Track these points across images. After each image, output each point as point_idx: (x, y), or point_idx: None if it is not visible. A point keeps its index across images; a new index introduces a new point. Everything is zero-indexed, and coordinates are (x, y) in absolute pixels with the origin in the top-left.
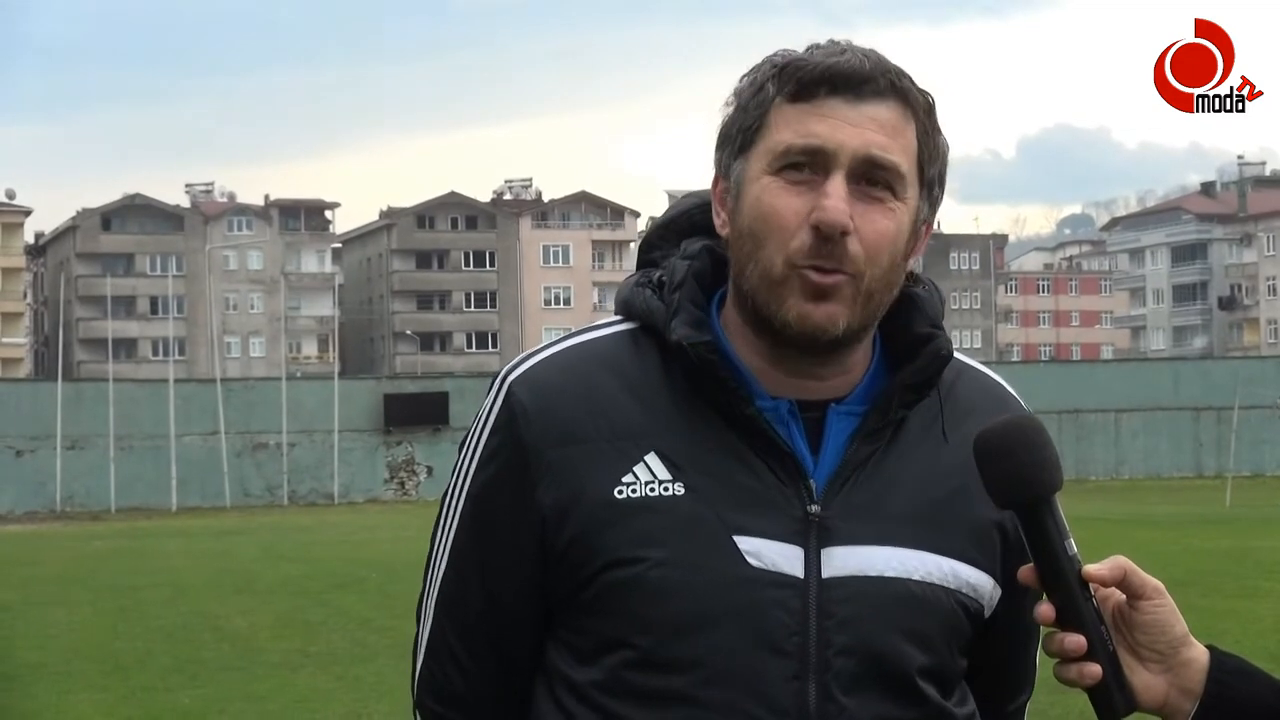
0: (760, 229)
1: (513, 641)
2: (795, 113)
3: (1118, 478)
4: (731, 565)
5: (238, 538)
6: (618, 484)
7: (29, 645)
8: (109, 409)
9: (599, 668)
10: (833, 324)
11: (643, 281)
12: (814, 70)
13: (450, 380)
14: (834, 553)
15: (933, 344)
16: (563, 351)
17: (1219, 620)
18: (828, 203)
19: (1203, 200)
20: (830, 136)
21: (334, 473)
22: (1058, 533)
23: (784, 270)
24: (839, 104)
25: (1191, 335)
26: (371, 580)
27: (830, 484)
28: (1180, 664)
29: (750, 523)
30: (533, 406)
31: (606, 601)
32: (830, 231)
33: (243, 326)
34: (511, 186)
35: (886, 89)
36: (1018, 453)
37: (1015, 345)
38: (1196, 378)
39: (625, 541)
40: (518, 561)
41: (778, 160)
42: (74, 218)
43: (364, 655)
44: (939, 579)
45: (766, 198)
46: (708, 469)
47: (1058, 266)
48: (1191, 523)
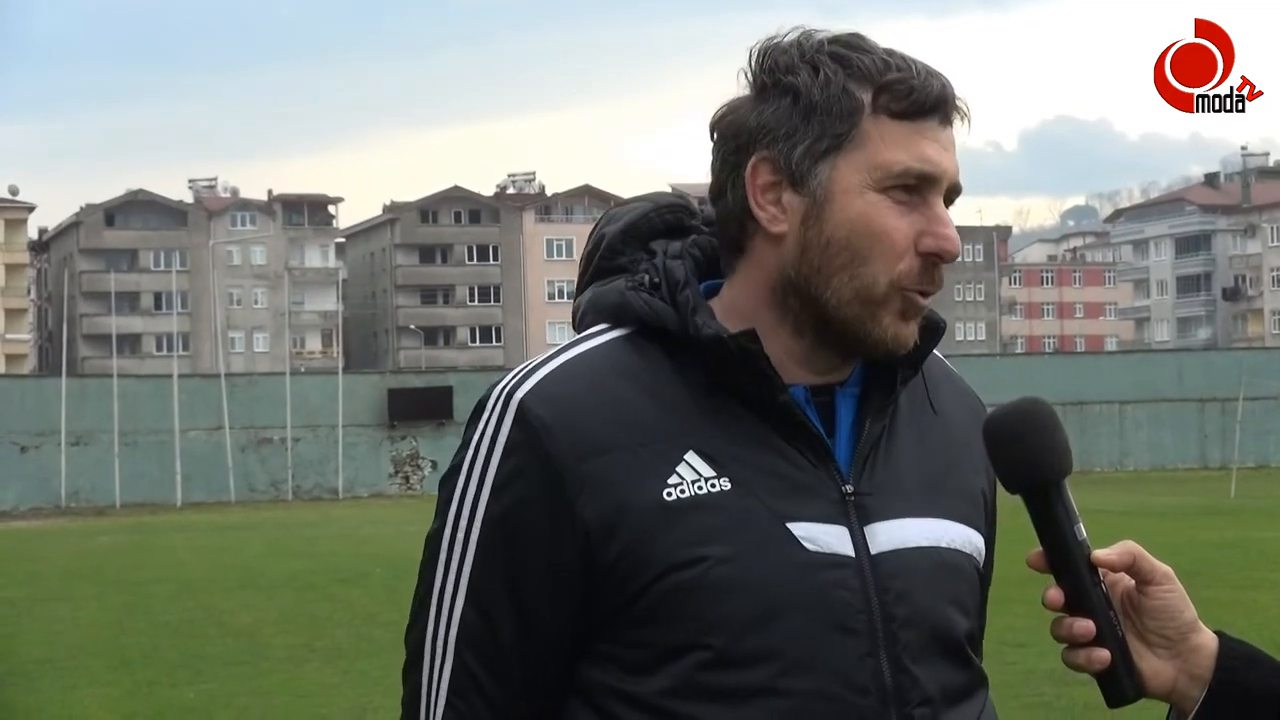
0: (865, 245)
1: (547, 666)
2: (902, 132)
3: (1122, 469)
4: (791, 552)
5: (242, 533)
6: (665, 487)
7: (34, 641)
8: (113, 404)
9: (665, 675)
10: (913, 341)
11: (633, 286)
12: (929, 94)
13: (454, 374)
14: (875, 529)
15: (926, 320)
16: (566, 364)
17: (1224, 611)
18: (949, 232)
19: (1206, 191)
20: (939, 163)
21: (338, 467)
22: (1067, 517)
23: (886, 290)
24: (938, 128)
25: (1196, 326)
26: (376, 575)
27: (854, 463)
28: (1189, 650)
29: (797, 508)
30: (553, 421)
31: (668, 608)
32: (951, 260)
33: (246, 321)
34: (515, 180)
35: (956, 114)
36: (1028, 437)
37: (1019, 337)
38: (1201, 369)
39: (682, 544)
40: (554, 584)
41: (890, 180)
42: (77, 213)
43: (369, 650)
44: (960, 544)
45: (877, 216)
46: (746, 460)
47: (1061, 258)
48: (1196, 514)
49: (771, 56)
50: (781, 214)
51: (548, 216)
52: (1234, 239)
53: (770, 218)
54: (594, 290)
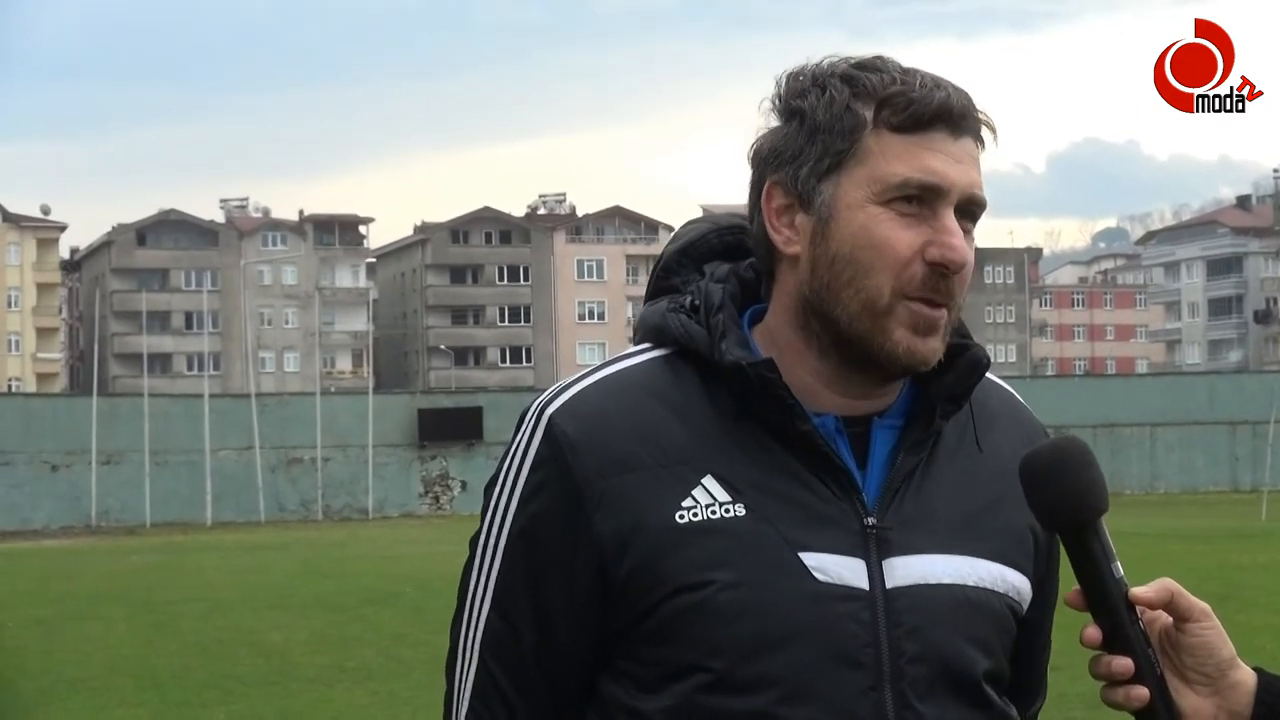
0: (867, 258)
1: (566, 677)
2: (902, 145)
3: (1153, 492)
4: (800, 582)
5: (272, 553)
6: (678, 509)
7: (65, 661)
8: (144, 424)
9: (669, 694)
10: (934, 357)
11: (674, 307)
12: (928, 105)
13: (484, 395)
14: (894, 563)
15: (969, 354)
16: (600, 381)
17: (1255, 635)
18: (954, 241)
19: (1238, 213)
20: (945, 174)
21: (368, 488)
22: (1104, 555)
23: (891, 301)
24: (945, 139)
25: (1227, 349)
26: (406, 595)
27: (882, 496)
28: (1228, 686)
29: (813, 538)
30: (579, 438)
31: (675, 627)
32: (956, 269)
33: (277, 341)
34: (545, 201)
35: (976, 126)
36: (1065, 477)
37: (1050, 359)
38: (1232, 391)
39: (690, 566)
40: (573, 598)
41: (890, 192)
42: (109, 233)
43: (399, 670)
44: (990, 583)
45: (878, 228)
46: (765, 488)
47: (1092, 280)
48: (1227, 537)
49: (789, 82)
50: (795, 235)
51: (578, 237)
52: (1266, 261)
53: (785, 240)
54: (645, 309)
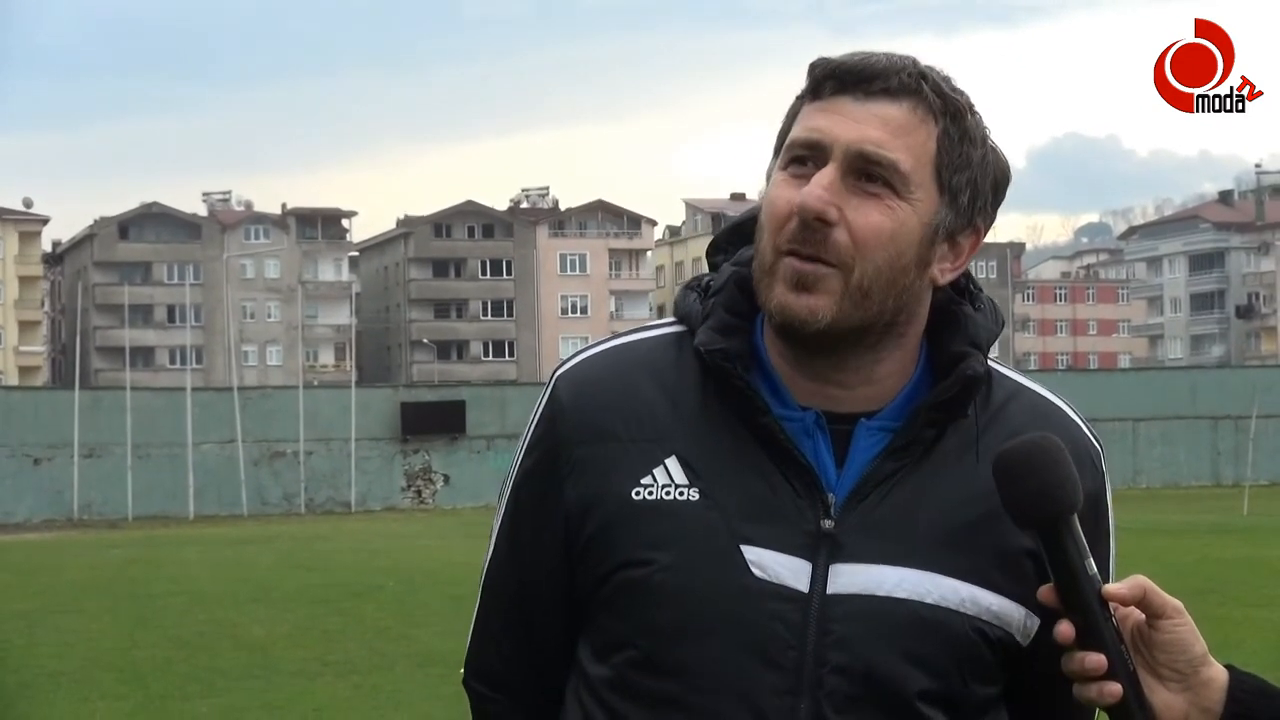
0: (765, 221)
1: (545, 630)
2: (807, 111)
3: (1135, 486)
4: (734, 574)
5: (255, 546)
6: (636, 485)
7: (47, 654)
8: (126, 417)
9: (608, 665)
10: (813, 316)
11: (693, 285)
12: (826, 67)
13: (467, 389)
14: (842, 569)
15: (962, 364)
16: (608, 350)
17: (1236, 629)
18: (805, 188)
19: (1220, 209)
20: (828, 131)
21: (351, 481)
22: (1077, 552)
23: (772, 257)
24: (847, 101)
25: (1209, 344)
26: (389, 589)
27: (849, 499)
28: (1200, 683)
29: (759, 533)
30: (570, 403)
31: (618, 600)
32: (805, 215)
33: (260, 335)
34: (529, 195)
35: (898, 88)
36: (1036, 473)
37: (1032, 354)
38: (1214, 386)
39: (637, 543)
40: (546, 553)
41: (785, 155)
42: (91, 226)
43: (381, 664)
44: (954, 604)
45: (771, 191)
46: (724, 476)
47: (1075, 275)
48: (1209, 532)
49: None
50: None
51: (561, 231)
52: (1248, 256)
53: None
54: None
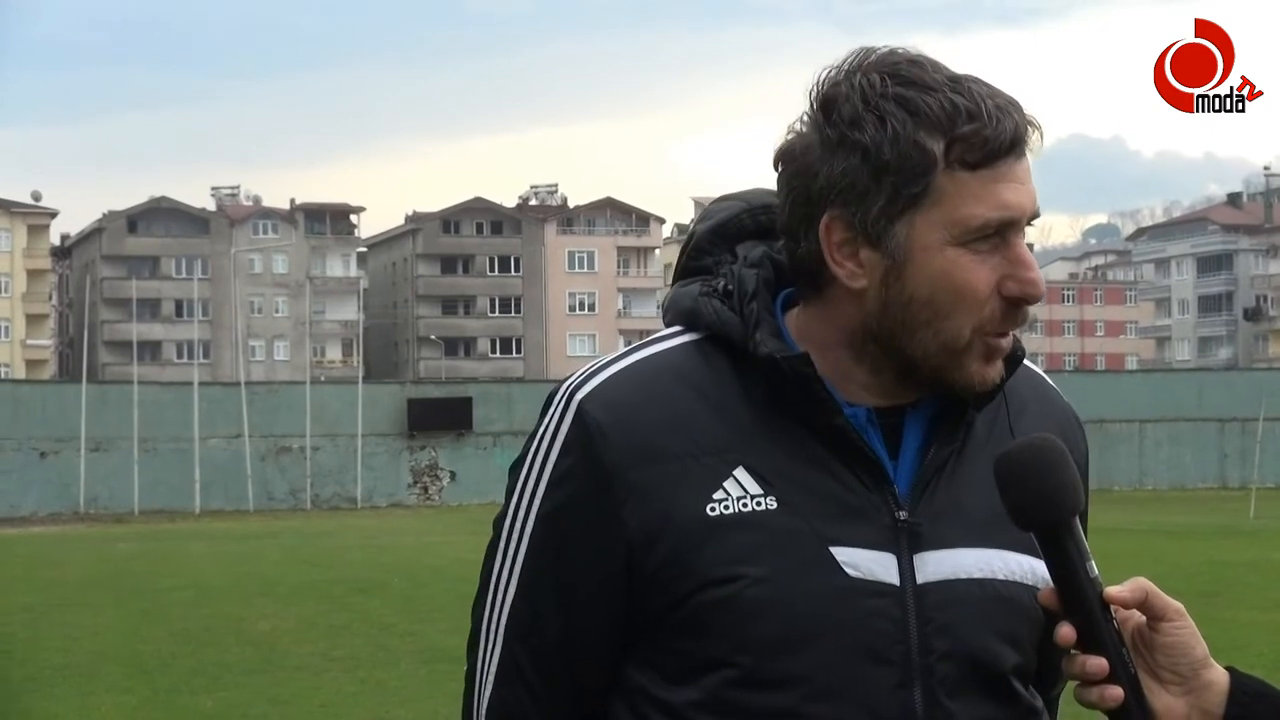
0: (948, 301)
1: (590, 667)
2: (978, 183)
3: (1142, 488)
4: (830, 577)
5: (261, 541)
6: (709, 501)
7: (53, 647)
8: (133, 411)
9: (697, 688)
10: (1000, 378)
11: (707, 291)
12: (1002, 141)
13: (474, 385)
14: (925, 558)
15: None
16: (632, 366)
17: (1242, 632)
18: (1032, 275)
19: (1229, 211)
20: (1018, 205)
21: (357, 477)
22: (1078, 555)
23: (970, 339)
24: (1014, 166)
25: (1217, 346)
26: (395, 585)
27: (913, 489)
28: (1201, 686)
29: (844, 533)
30: (610, 425)
31: (704, 621)
32: (1036, 301)
33: (267, 330)
34: (537, 192)
35: (1030, 141)
36: (1037, 476)
37: (1040, 355)
38: (1221, 388)
39: (721, 560)
40: (599, 586)
41: (970, 234)
42: (100, 220)
43: (387, 660)
44: (1020, 576)
45: (959, 273)
46: (796, 481)
47: (1083, 276)
48: (1215, 534)
49: (835, 106)
50: (860, 269)
51: (569, 228)
52: (1256, 259)
53: (849, 274)
54: (675, 290)
